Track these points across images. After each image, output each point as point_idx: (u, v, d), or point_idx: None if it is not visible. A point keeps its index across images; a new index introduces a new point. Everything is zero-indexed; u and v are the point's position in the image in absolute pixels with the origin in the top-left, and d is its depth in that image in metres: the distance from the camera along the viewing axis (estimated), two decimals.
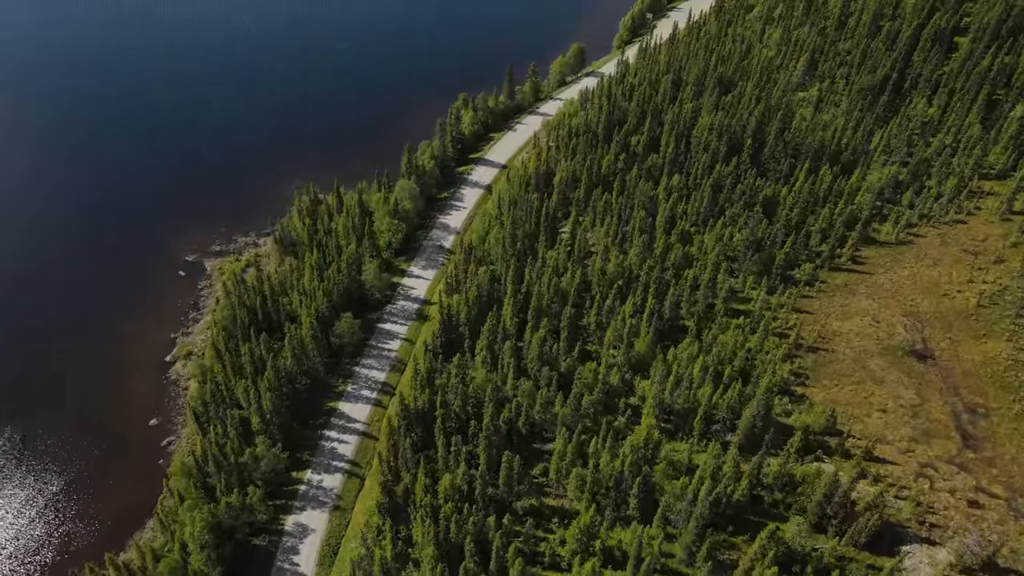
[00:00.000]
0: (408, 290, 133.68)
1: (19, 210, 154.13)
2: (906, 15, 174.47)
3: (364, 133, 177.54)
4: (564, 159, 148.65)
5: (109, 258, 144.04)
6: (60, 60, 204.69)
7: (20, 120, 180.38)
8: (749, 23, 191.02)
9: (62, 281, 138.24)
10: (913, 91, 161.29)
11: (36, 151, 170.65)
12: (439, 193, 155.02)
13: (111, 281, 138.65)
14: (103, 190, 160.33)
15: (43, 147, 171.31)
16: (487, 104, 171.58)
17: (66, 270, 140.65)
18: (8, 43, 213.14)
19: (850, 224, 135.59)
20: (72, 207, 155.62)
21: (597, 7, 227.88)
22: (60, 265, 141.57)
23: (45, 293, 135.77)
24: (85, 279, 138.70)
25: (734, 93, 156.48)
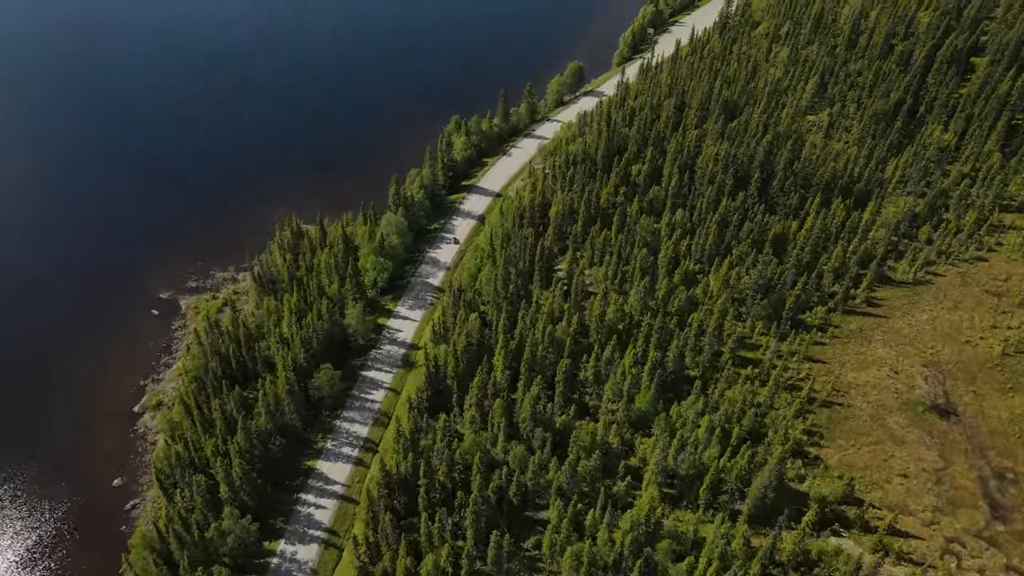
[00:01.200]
0: (394, 333, 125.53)
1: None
2: (919, 35, 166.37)
3: (355, 155, 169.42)
4: (560, 190, 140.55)
5: (79, 293, 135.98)
6: (37, 78, 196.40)
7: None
8: (755, 40, 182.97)
9: (25, 318, 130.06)
10: (928, 116, 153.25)
11: (5, 173, 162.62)
12: (429, 224, 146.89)
13: (79, 319, 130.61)
14: (76, 218, 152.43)
15: (13, 169, 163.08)
16: (480, 128, 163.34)
17: (30, 305, 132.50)
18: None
19: (864, 262, 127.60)
20: (42, 235, 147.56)
21: (596, 23, 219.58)
22: (24, 300, 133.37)
23: (3, 331, 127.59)
24: (51, 316, 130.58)
25: (740, 119, 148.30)
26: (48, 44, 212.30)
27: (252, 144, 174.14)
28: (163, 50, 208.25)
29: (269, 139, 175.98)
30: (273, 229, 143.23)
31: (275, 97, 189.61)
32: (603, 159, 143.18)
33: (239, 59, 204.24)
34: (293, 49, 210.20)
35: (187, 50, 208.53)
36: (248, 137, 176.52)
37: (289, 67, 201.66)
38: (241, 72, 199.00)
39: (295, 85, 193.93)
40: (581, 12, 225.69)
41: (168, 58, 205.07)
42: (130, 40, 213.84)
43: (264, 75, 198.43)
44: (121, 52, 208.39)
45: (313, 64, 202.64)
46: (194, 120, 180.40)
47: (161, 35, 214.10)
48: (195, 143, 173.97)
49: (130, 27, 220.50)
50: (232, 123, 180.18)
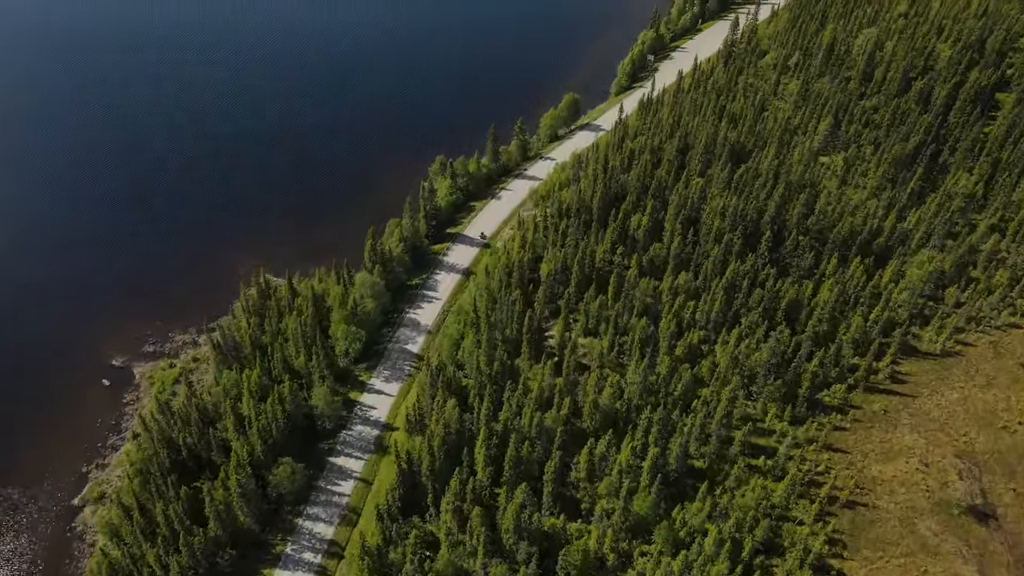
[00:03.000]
0: (367, 411, 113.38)
1: None
2: (940, 70, 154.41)
3: (336, 195, 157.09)
4: (552, 245, 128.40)
5: (22, 356, 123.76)
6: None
7: None
8: (762, 71, 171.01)
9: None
10: (951, 159, 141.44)
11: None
12: (409, 279, 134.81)
13: (19, 388, 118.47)
14: (27, 267, 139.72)
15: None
16: (467, 169, 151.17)
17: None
18: None
19: (887, 329, 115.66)
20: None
21: (593, 49, 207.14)
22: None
23: None
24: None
25: (748, 165, 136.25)
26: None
27: (228, 184, 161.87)
28: (133, 80, 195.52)
29: (246, 178, 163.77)
30: (239, 288, 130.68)
31: (254, 133, 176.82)
32: (599, 209, 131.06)
33: (216, 91, 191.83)
34: (274, 81, 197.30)
35: (160, 80, 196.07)
36: (223, 176, 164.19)
37: (270, 100, 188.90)
38: (218, 105, 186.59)
39: (276, 119, 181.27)
40: (577, 38, 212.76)
41: (139, 87, 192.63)
42: (94, 71, 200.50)
43: (243, 109, 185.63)
44: (85, 82, 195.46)
45: (296, 97, 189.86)
46: (166, 158, 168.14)
47: (128, 67, 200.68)
48: (165, 183, 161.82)
49: (92, 59, 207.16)
50: (207, 161, 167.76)
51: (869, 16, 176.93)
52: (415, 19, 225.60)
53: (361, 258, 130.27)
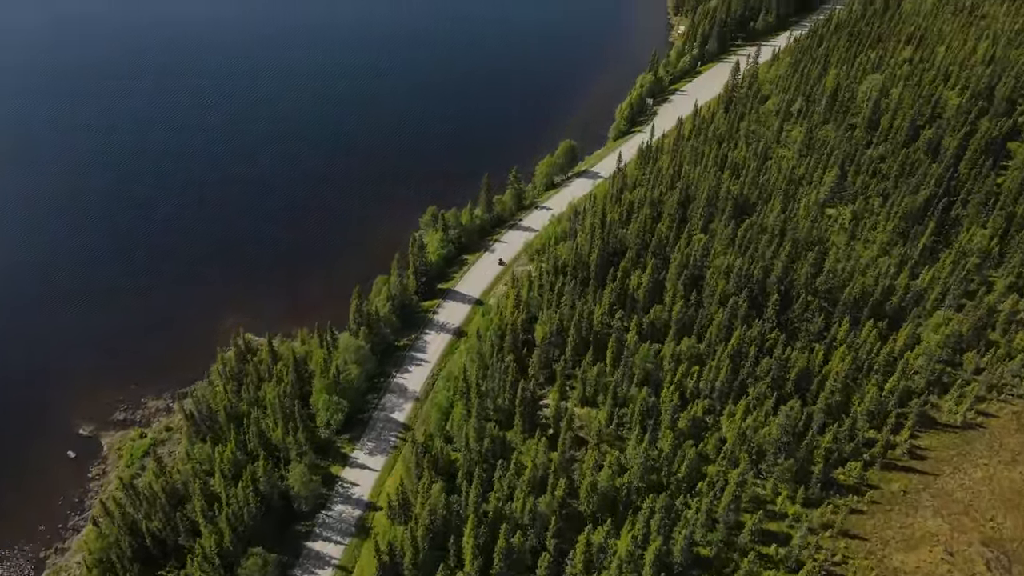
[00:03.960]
0: (349, 488, 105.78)
1: None
2: (948, 118, 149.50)
3: (324, 247, 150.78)
4: (547, 306, 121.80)
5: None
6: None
7: None
8: (764, 117, 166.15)
9: None
10: (963, 211, 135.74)
11: None
12: (397, 340, 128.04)
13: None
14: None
15: None
16: (460, 221, 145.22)
17: None
18: None
19: (903, 399, 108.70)
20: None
21: (590, 94, 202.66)
22: None
23: None
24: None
25: (753, 220, 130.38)
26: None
27: (212, 235, 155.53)
28: (120, 124, 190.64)
29: (231, 229, 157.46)
30: (220, 347, 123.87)
31: (242, 180, 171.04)
32: (597, 267, 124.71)
33: (205, 136, 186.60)
34: (266, 125, 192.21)
35: (147, 124, 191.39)
36: (208, 226, 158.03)
37: (259, 146, 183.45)
38: (206, 152, 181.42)
39: (264, 166, 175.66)
40: (574, 82, 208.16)
41: (125, 132, 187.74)
42: (79, 114, 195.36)
43: (231, 155, 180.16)
44: (70, 126, 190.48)
45: (287, 142, 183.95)
46: (149, 206, 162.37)
47: (115, 111, 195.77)
48: (147, 233, 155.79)
49: (77, 102, 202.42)
50: (192, 210, 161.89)
51: (873, 61, 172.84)
52: (411, 64, 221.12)
53: (349, 313, 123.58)
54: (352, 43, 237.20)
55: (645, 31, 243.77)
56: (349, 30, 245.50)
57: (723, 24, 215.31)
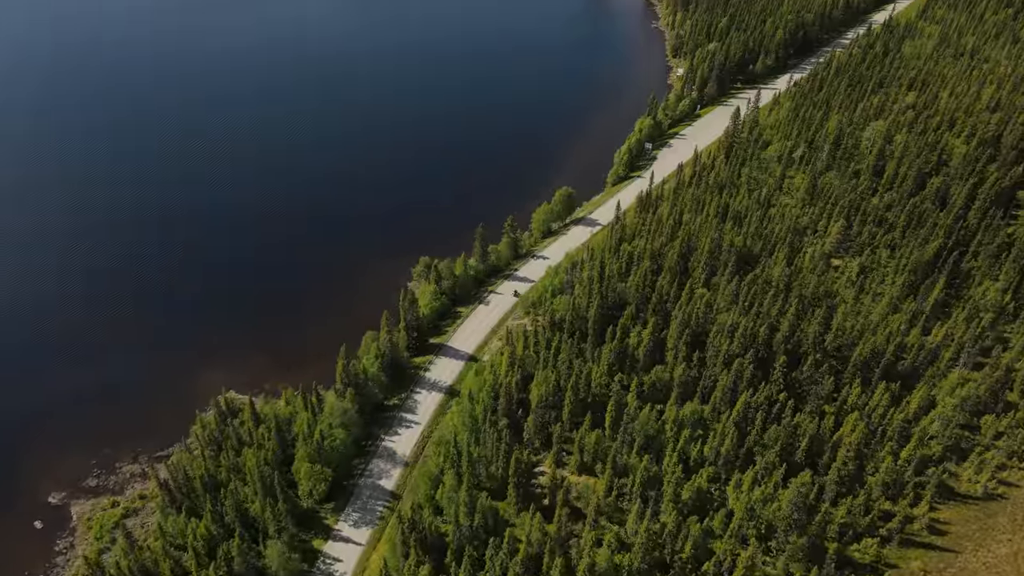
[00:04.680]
0: (331, 565, 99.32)
1: None
2: (955, 167, 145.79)
3: (314, 297, 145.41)
4: (543, 364, 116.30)
5: None
6: None
7: None
8: (765, 164, 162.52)
9: None
10: (974, 262, 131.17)
11: None
12: (386, 398, 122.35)
13: None
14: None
15: None
16: (453, 272, 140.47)
17: None
18: None
19: (920, 467, 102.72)
20: None
21: (588, 138, 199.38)
22: None
23: None
24: None
25: (757, 273, 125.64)
26: None
27: (196, 282, 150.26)
28: (96, 172, 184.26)
29: (216, 276, 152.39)
30: (199, 409, 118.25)
31: (228, 225, 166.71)
32: (595, 323, 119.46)
33: (185, 177, 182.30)
34: (255, 168, 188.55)
35: (129, 166, 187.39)
36: (191, 273, 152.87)
37: (244, 190, 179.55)
38: (187, 192, 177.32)
39: (250, 213, 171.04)
40: (572, 126, 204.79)
41: (103, 172, 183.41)
42: (56, 153, 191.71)
43: (216, 197, 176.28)
44: (43, 162, 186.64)
45: (276, 187, 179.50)
46: (128, 251, 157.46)
47: (96, 157, 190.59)
48: (126, 280, 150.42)
49: (53, 142, 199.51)
50: (173, 255, 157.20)
51: (875, 107, 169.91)
52: (402, 106, 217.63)
53: (332, 384, 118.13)
54: (342, 80, 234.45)
55: (643, 73, 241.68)
56: (338, 66, 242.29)
57: (722, 67, 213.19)
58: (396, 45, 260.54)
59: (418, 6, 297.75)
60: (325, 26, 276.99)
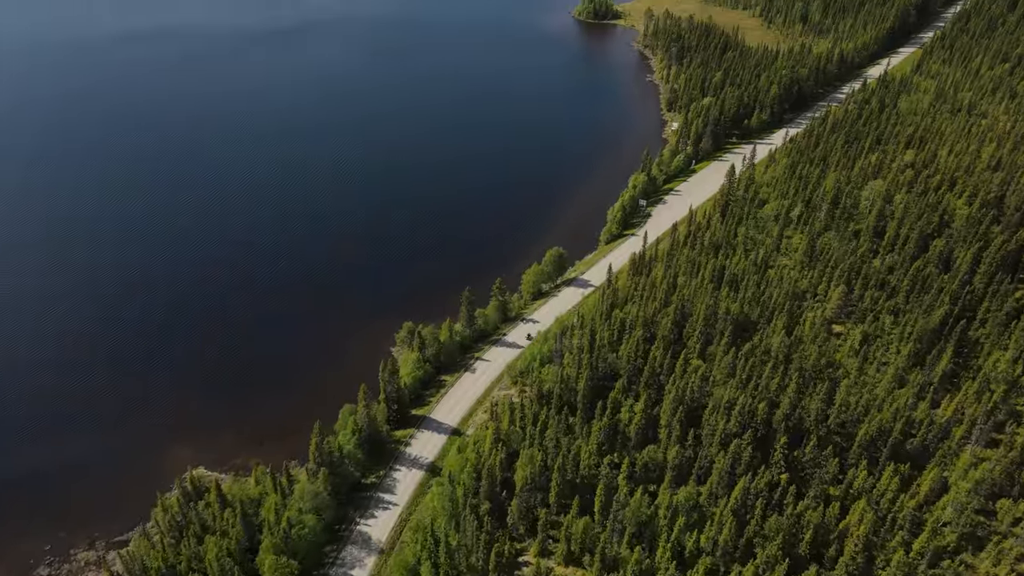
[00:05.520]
0: None
1: None
2: (958, 229, 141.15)
3: (293, 365, 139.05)
4: (529, 442, 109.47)
5: None
6: None
7: None
8: (761, 223, 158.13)
9: None
10: (982, 331, 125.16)
11: None
12: (364, 476, 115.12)
13: None
14: None
15: None
16: (438, 339, 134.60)
17: None
18: None
19: (934, 559, 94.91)
20: None
21: (581, 193, 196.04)
22: None
23: None
24: None
25: (755, 342, 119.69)
26: None
27: (166, 348, 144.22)
28: (74, 236, 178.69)
29: (193, 341, 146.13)
30: (161, 491, 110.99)
31: (204, 288, 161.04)
32: (585, 397, 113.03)
33: (161, 241, 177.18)
34: (234, 228, 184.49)
35: (104, 233, 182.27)
36: (168, 336, 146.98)
37: (216, 249, 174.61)
38: (172, 253, 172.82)
39: (230, 273, 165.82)
40: (563, 180, 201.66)
41: (79, 240, 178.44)
42: (32, 216, 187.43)
43: (193, 259, 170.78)
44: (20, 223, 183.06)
45: (257, 245, 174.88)
46: (108, 317, 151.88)
47: (74, 223, 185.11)
48: (92, 344, 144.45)
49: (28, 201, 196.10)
50: (151, 317, 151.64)
51: (873, 165, 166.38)
52: (389, 161, 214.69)
53: (307, 461, 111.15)
54: (320, 134, 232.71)
55: (638, 127, 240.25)
56: (323, 124, 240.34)
57: (717, 122, 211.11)
58: (384, 100, 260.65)
59: (406, 59, 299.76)
60: (306, 84, 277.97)
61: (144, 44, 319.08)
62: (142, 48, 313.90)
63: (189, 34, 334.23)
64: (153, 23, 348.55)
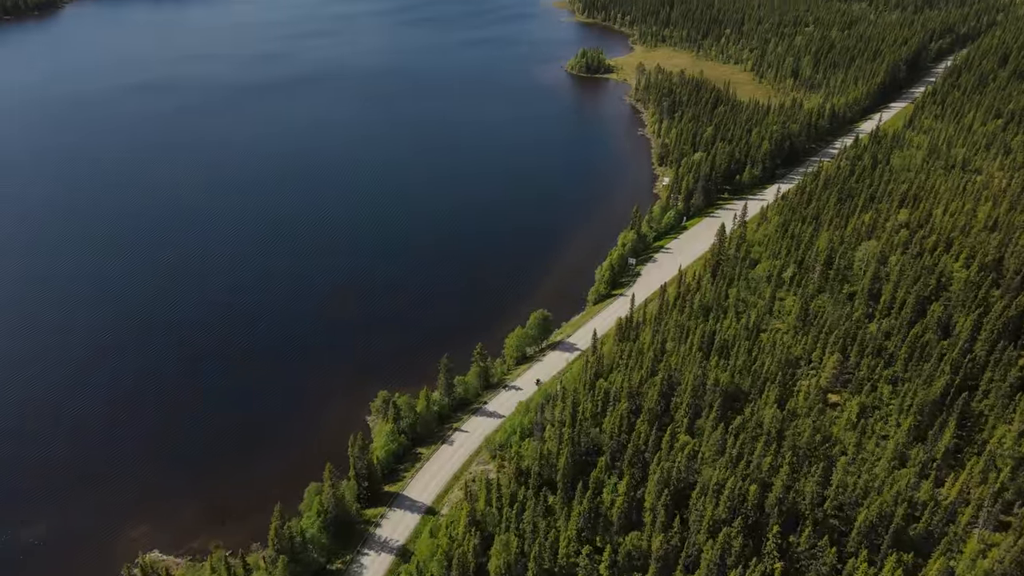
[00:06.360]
0: None
1: None
2: (956, 293, 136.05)
3: (259, 436, 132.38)
4: (505, 525, 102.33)
5: None
6: None
7: None
8: (753, 284, 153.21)
9: None
10: (985, 403, 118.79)
11: None
12: (329, 562, 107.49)
13: None
14: None
15: None
16: (414, 409, 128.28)
17: None
18: None
19: None
20: None
21: (569, 249, 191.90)
22: None
23: None
24: None
25: (746, 416, 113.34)
26: None
27: (138, 415, 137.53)
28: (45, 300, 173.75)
29: (162, 408, 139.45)
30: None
31: (174, 350, 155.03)
32: (565, 475, 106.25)
33: (140, 301, 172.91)
34: (209, 287, 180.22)
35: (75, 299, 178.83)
36: (137, 403, 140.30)
37: (206, 303, 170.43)
38: (145, 316, 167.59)
39: (209, 331, 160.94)
40: (550, 237, 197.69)
41: (48, 302, 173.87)
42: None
43: (161, 321, 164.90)
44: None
45: (223, 308, 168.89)
46: (77, 383, 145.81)
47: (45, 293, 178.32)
48: (63, 416, 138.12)
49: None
50: (121, 384, 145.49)
51: (867, 224, 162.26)
52: (381, 217, 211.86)
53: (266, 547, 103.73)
54: (309, 185, 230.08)
55: (629, 181, 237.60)
56: (298, 180, 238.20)
57: (708, 177, 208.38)
58: (376, 150, 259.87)
59: (398, 107, 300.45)
60: (297, 133, 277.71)
61: (139, 96, 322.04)
62: (136, 100, 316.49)
63: (186, 86, 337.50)
64: (151, 76, 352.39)
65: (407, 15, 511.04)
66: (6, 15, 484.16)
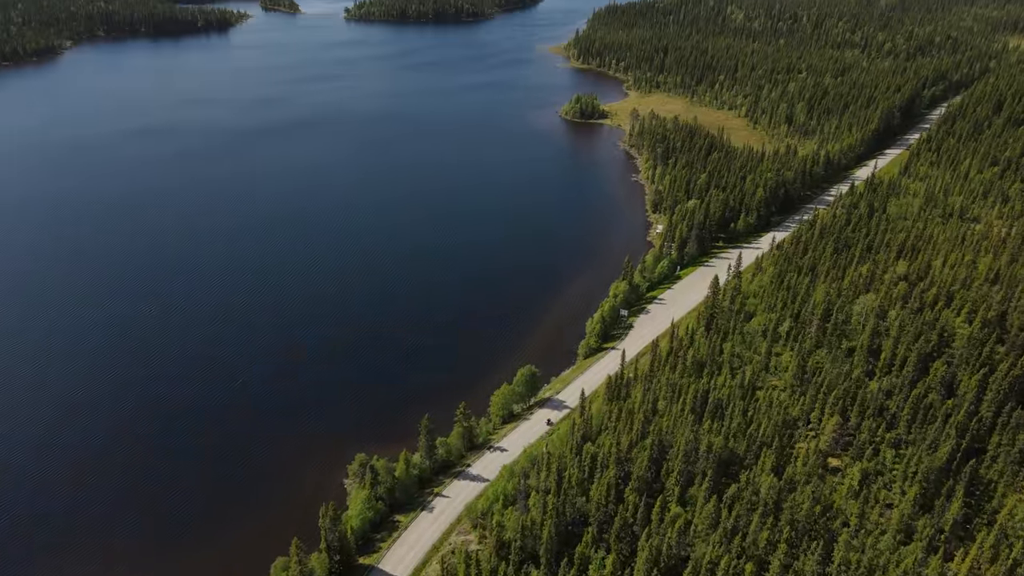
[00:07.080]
0: None
1: None
2: (960, 351, 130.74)
3: (226, 502, 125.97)
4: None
5: None
6: None
7: None
8: (749, 338, 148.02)
9: None
10: (994, 469, 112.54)
11: None
12: None
13: None
14: None
15: None
16: (392, 473, 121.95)
17: None
18: None
19: None
20: None
21: (559, 300, 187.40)
22: None
23: None
24: None
25: (741, 485, 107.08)
26: None
27: (93, 480, 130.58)
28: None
29: (122, 472, 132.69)
30: None
31: (149, 407, 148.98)
32: (549, 549, 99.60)
33: (111, 357, 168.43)
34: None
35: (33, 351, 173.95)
36: (91, 468, 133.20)
37: (186, 357, 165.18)
38: (117, 373, 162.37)
39: (184, 384, 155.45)
40: (541, 290, 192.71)
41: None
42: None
43: (138, 376, 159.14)
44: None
45: (213, 365, 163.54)
46: (47, 444, 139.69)
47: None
48: (26, 476, 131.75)
49: None
50: (90, 444, 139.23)
51: (865, 276, 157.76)
52: (371, 264, 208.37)
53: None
54: (298, 231, 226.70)
55: (623, 229, 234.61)
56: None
57: (702, 226, 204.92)
58: (369, 193, 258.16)
59: (393, 152, 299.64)
60: (292, 177, 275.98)
61: (139, 140, 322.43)
62: (136, 145, 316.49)
63: (186, 130, 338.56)
64: (151, 121, 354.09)
65: (408, 59, 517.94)
66: (5, 61, 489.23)
